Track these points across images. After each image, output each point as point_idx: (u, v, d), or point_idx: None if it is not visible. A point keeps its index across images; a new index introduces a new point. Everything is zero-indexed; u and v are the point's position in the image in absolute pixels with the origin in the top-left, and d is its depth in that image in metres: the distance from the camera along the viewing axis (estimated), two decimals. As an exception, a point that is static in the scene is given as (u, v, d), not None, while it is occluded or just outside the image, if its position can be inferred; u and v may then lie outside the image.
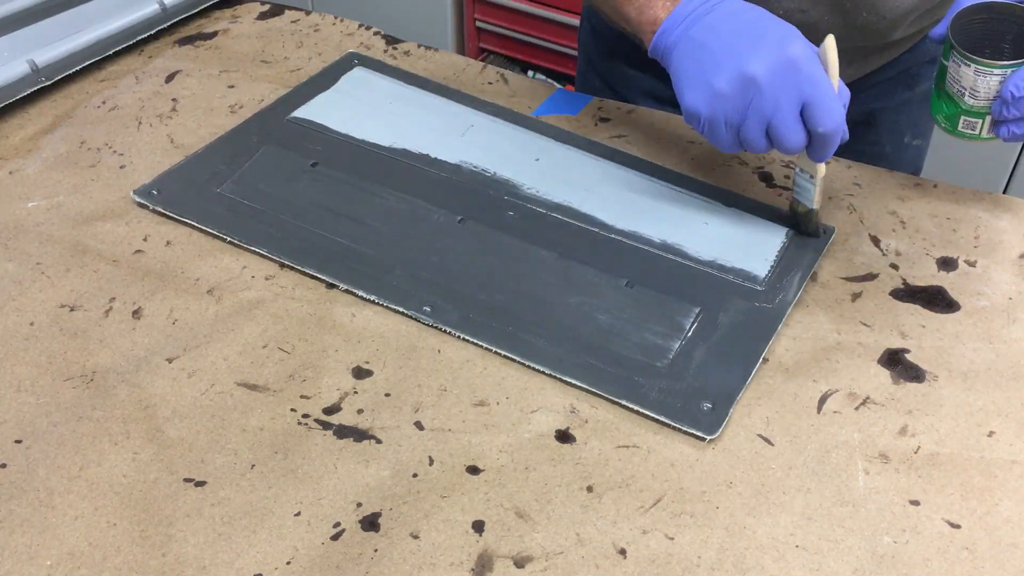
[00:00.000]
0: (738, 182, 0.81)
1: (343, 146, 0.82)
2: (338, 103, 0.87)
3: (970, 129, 0.73)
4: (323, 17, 1.01)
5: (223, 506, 0.57)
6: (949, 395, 0.65)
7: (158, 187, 0.77)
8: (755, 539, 0.56)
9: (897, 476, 0.60)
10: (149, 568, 0.54)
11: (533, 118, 0.86)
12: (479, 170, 0.80)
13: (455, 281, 0.70)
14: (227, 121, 0.85)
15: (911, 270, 0.74)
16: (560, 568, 0.54)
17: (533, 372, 0.65)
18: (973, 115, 0.72)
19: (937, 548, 0.56)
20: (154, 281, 0.71)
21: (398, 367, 0.65)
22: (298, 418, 0.62)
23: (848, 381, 0.66)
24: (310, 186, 0.78)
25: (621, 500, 0.58)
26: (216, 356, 0.66)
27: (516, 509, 0.57)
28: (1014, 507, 0.59)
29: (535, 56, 2.12)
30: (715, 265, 0.73)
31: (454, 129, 0.84)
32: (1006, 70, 0.69)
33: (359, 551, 0.55)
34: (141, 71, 0.92)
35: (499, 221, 0.75)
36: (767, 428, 0.63)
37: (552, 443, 0.61)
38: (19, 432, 0.60)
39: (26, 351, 0.65)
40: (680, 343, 0.67)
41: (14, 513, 0.56)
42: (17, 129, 0.85)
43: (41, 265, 0.71)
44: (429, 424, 0.62)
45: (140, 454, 0.60)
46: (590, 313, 0.68)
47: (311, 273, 0.71)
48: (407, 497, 0.58)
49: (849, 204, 0.80)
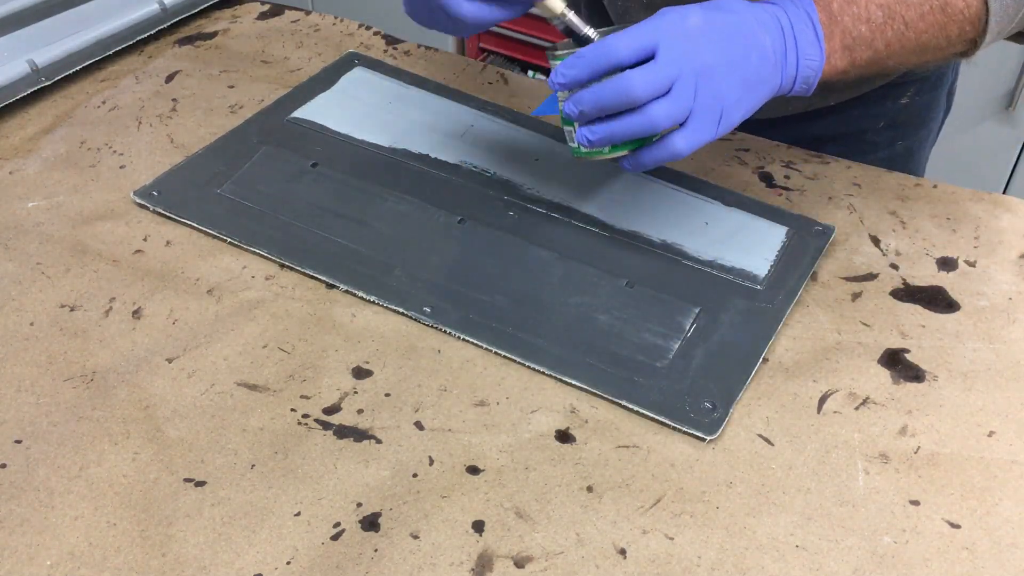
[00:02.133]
0: (738, 182, 0.81)
1: (343, 146, 0.82)
2: (338, 103, 0.87)
3: (570, 141, 0.65)
4: (323, 17, 1.01)
5: (223, 506, 0.57)
6: (949, 395, 0.65)
7: (158, 188, 0.77)
8: (755, 539, 0.56)
9: (897, 476, 0.60)
10: (149, 568, 0.54)
11: (533, 118, 0.86)
12: (479, 170, 0.80)
13: (455, 281, 0.70)
14: (227, 121, 0.85)
15: (911, 270, 0.74)
16: (560, 568, 0.54)
17: (533, 372, 0.65)
18: (567, 123, 0.65)
19: (937, 548, 0.56)
20: (154, 281, 0.71)
21: (398, 367, 0.65)
22: (298, 418, 0.62)
23: (848, 381, 0.66)
24: (310, 187, 0.78)
25: (621, 500, 0.58)
26: (216, 356, 0.66)
27: (516, 509, 0.57)
28: (1014, 507, 0.59)
29: (535, 56, 2.12)
30: (715, 265, 0.73)
31: (454, 129, 0.84)
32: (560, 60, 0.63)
33: (359, 551, 0.55)
34: (141, 71, 0.92)
35: (499, 221, 0.75)
36: (767, 428, 0.63)
37: (552, 443, 0.61)
38: (19, 432, 0.60)
39: (26, 351, 0.65)
40: (680, 343, 0.67)
41: (14, 513, 0.56)
42: (17, 129, 0.85)
43: (41, 265, 0.71)
44: (429, 424, 0.62)
45: (140, 454, 0.60)
46: (590, 313, 0.68)
47: (311, 273, 0.71)
48: (407, 497, 0.58)
49: (849, 204, 0.80)
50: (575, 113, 0.63)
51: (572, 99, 0.63)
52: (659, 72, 0.61)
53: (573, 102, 0.63)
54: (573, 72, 0.62)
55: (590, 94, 0.62)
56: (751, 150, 0.85)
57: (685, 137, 0.63)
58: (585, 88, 0.62)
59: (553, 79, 0.63)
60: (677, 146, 0.63)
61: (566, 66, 0.62)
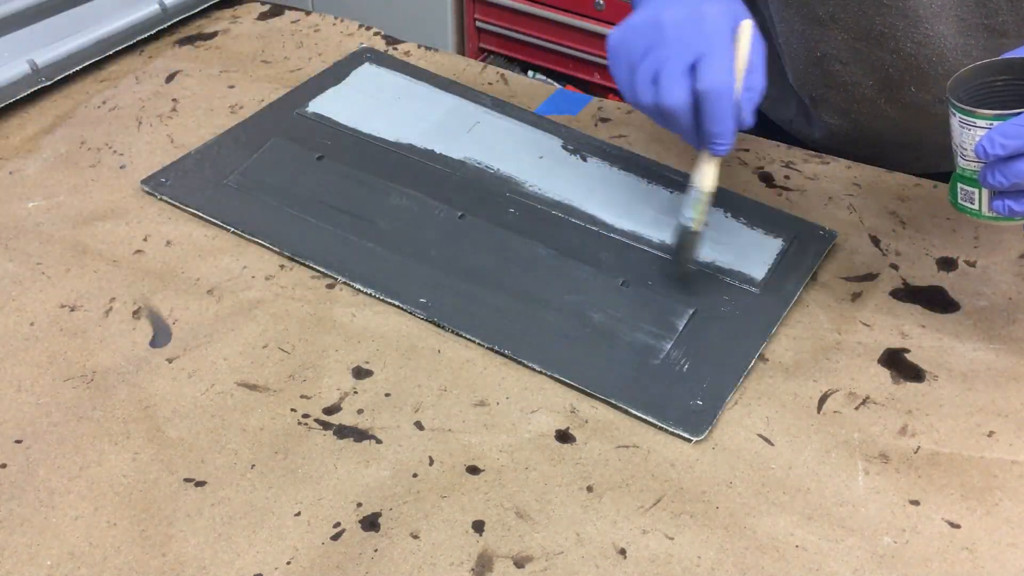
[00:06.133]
0: (738, 182, 0.81)
1: (350, 140, 0.82)
2: (347, 98, 0.87)
3: (968, 202, 0.61)
4: (323, 17, 1.01)
5: (223, 506, 0.57)
6: (949, 395, 0.65)
7: (166, 176, 0.78)
8: (755, 539, 0.56)
9: (897, 476, 0.60)
10: (149, 568, 0.54)
11: (539, 116, 0.86)
12: (483, 166, 0.80)
13: (452, 276, 0.71)
14: (227, 121, 0.85)
15: (911, 270, 0.74)
16: (560, 568, 0.54)
17: (533, 372, 0.65)
18: (968, 182, 0.60)
19: (937, 548, 0.56)
20: (154, 281, 0.71)
21: (398, 367, 0.65)
22: (298, 418, 0.62)
23: (848, 381, 0.66)
24: (315, 179, 0.78)
25: (621, 500, 0.58)
26: (216, 356, 0.66)
27: (516, 509, 0.57)
28: (1014, 507, 0.59)
29: (535, 56, 2.11)
30: (713, 267, 0.73)
31: (460, 125, 0.84)
32: (991, 121, 0.56)
33: (359, 551, 0.55)
34: (141, 71, 0.92)
35: (500, 218, 0.76)
36: (767, 428, 0.63)
37: (552, 443, 0.61)
38: (19, 432, 0.60)
39: (26, 351, 0.65)
40: (672, 344, 0.67)
41: (14, 513, 0.56)
42: (17, 129, 0.85)
43: (41, 265, 0.71)
44: (429, 424, 0.62)
45: (140, 454, 0.60)
46: (585, 312, 0.68)
47: (309, 265, 0.71)
48: (407, 497, 0.58)
49: (849, 204, 0.80)
50: (1003, 185, 0.57)
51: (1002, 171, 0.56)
52: None
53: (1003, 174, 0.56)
54: (1016, 143, 0.55)
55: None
56: (751, 150, 0.85)
57: None
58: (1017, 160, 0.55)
59: (986, 148, 0.56)
60: None
61: (1005, 135, 0.55)
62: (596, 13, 1.95)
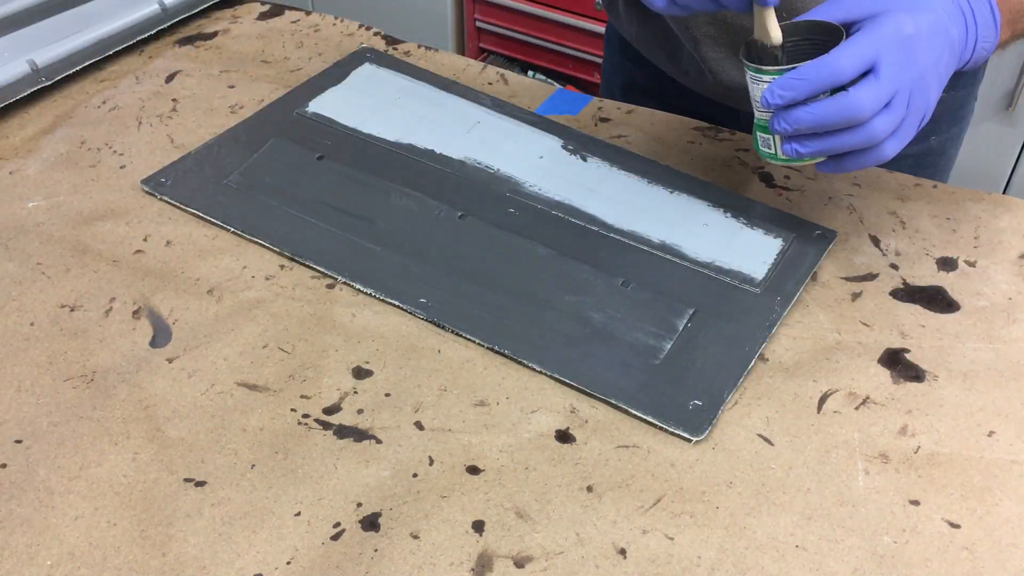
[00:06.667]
0: (738, 182, 0.81)
1: (350, 140, 0.82)
2: (348, 98, 0.87)
3: (767, 147, 0.67)
4: (323, 17, 1.01)
5: (223, 506, 0.57)
6: (949, 395, 0.65)
7: (166, 176, 0.78)
8: (755, 539, 0.56)
9: (897, 476, 0.60)
10: (149, 568, 0.54)
11: (539, 116, 0.86)
12: (483, 166, 0.80)
13: (452, 276, 0.71)
14: (227, 121, 0.85)
15: (911, 270, 0.74)
16: (560, 568, 0.55)
17: (533, 372, 0.65)
18: (764, 131, 0.66)
19: (937, 548, 0.56)
20: (154, 281, 0.71)
21: (398, 367, 0.65)
22: (298, 418, 0.62)
23: (848, 381, 0.66)
24: (315, 179, 0.78)
25: (621, 500, 0.58)
26: (216, 356, 0.66)
27: (516, 509, 0.57)
28: (1014, 507, 0.59)
29: (535, 56, 2.12)
30: (713, 267, 0.73)
31: (460, 125, 0.84)
32: (773, 76, 0.62)
33: (359, 551, 0.55)
34: (141, 71, 0.92)
35: (499, 218, 0.76)
36: (767, 428, 0.63)
37: (552, 443, 0.61)
38: (19, 432, 0.60)
39: (26, 351, 0.65)
40: (672, 343, 0.67)
41: (14, 513, 0.56)
42: (17, 129, 0.85)
43: (41, 265, 0.71)
44: (429, 424, 0.62)
45: (140, 454, 0.60)
46: (584, 312, 0.68)
47: (309, 265, 0.71)
48: (407, 497, 0.58)
49: (849, 204, 0.80)
50: (787, 130, 0.62)
51: (784, 118, 0.62)
52: (883, 89, 0.60)
53: (786, 121, 0.62)
54: (791, 94, 0.61)
55: (809, 115, 0.61)
56: (751, 150, 0.85)
57: (894, 141, 0.62)
58: (801, 107, 0.61)
59: (768, 99, 0.62)
60: (886, 151, 0.62)
61: (783, 87, 0.61)
62: (596, 13, 1.96)
